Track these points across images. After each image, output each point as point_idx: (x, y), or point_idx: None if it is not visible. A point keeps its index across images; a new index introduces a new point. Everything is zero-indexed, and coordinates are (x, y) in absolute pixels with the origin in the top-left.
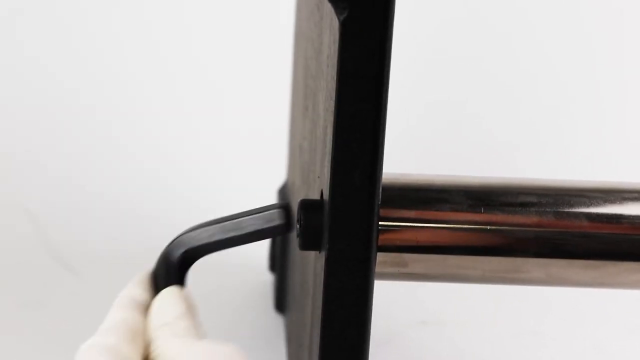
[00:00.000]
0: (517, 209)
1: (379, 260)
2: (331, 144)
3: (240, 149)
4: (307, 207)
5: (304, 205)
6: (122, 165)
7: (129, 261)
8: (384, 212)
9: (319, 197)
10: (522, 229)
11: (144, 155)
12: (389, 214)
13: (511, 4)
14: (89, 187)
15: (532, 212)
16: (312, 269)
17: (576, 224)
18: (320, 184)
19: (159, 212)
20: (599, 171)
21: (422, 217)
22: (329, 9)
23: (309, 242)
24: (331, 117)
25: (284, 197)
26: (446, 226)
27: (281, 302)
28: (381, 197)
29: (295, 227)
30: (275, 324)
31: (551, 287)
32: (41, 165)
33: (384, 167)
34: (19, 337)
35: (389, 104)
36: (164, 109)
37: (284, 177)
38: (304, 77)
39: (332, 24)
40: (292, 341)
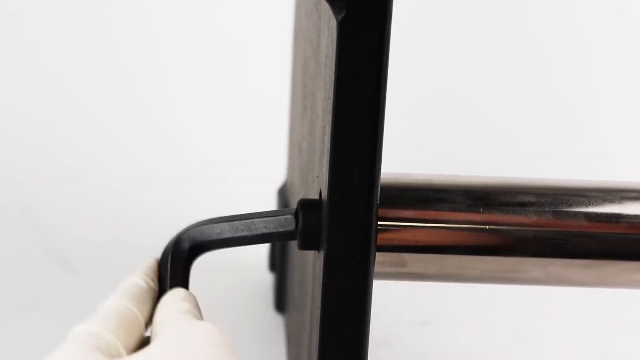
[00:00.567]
0: (516, 208)
1: (378, 260)
2: (330, 144)
3: (240, 149)
4: (306, 207)
5: (302, 205)
6: (122, 165)
7: (129, 261)
8: (383, 212)
9: (318, 197)
10: (521, 229)
11: (144, 155)
12: (388, 213)
13: (511, 3)
14: (89, 186)
15: (531, 212)
16: (311, 269)
17: (575, 223)
18: (319, 184)
19: (158, 212)
20: (598, 171)
21: (421, 217)
22: (327, 9)
23: (308, 242)
24: (330, 117)
25: (284, 197)
26: (445, 226)
27: (281, 302)
28: (380, 197)
29: None
30: (275, 324)
31: (550, 287)
32: (41, 165)
33: (382, 166)
34: (18, 337)
35: (388, 103)
36: (164, 109)
37: (283, 177)
38: (303, 77)
39: (330, 24)
40: (292, 341)
